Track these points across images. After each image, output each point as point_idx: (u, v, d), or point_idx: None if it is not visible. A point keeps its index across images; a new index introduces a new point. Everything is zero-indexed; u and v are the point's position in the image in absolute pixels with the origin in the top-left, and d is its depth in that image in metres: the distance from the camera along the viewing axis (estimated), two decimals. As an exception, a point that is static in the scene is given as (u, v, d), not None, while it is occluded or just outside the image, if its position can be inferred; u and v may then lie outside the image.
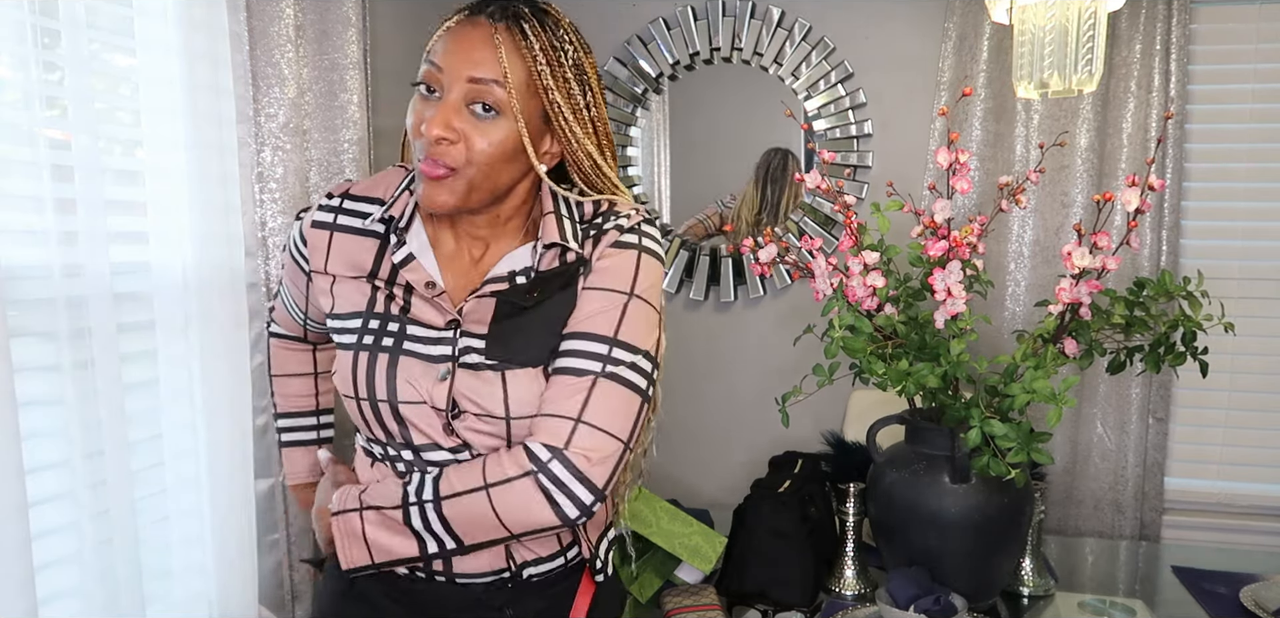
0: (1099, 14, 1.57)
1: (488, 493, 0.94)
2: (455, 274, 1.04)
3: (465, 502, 0.95)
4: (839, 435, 1.91)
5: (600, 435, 0.95)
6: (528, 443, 0.95)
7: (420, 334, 1.00)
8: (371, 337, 1.00)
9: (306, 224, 1.06)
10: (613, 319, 0.98)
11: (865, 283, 1.38)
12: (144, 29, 1.36)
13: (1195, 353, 1.44)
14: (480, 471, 0.95)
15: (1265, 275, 2.22)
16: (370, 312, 1.01)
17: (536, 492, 0.93)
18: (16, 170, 1.18)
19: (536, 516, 0.94)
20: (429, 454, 1.00)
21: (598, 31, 2.44)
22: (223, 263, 1.47)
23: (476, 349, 0.99)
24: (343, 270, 1.03)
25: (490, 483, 0.94)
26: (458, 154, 0.95)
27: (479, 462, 0.97)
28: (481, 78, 0.94)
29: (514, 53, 0.95)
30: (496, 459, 0.96)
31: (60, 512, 1.24)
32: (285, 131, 1.60)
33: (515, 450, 0.96)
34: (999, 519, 1.41)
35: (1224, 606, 1.54)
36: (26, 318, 1.17)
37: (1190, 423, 2.29)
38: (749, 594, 1.55)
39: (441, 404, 0.97)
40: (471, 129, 0.95)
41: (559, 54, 0.98)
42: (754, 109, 2.40)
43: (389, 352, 0.99)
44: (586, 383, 0.95)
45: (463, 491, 0.95)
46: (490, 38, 0.94)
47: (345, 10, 1.71)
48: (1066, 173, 2.18)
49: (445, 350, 0.99)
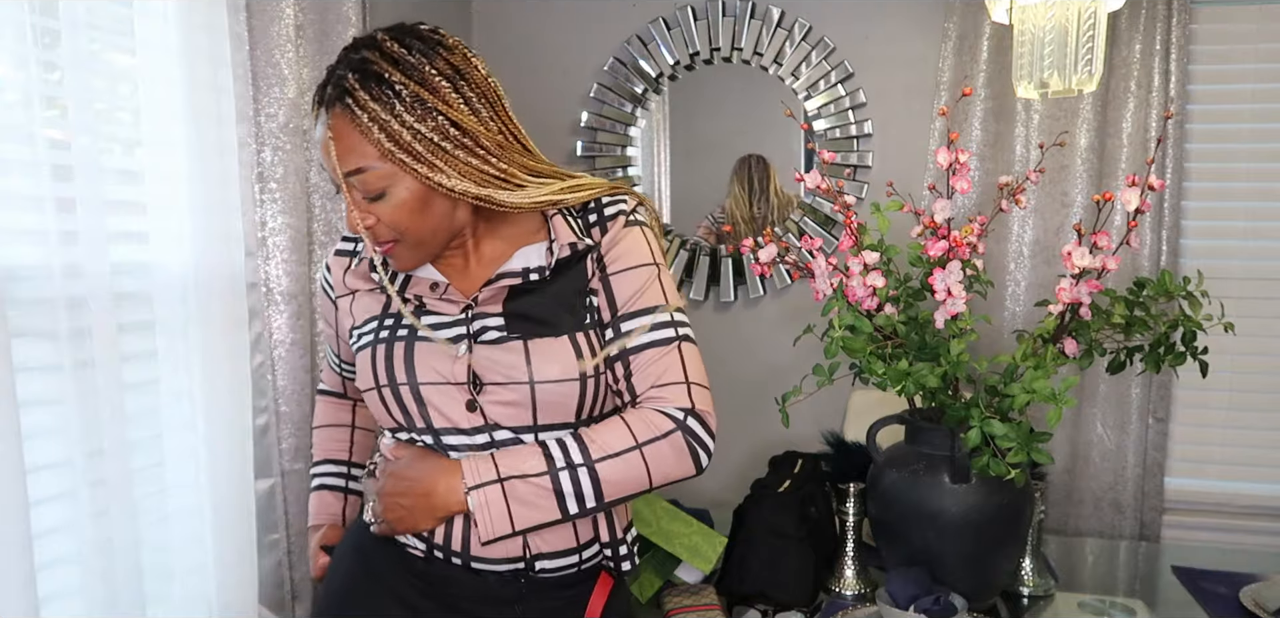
0: (1099, 14, 1.57)
1: (641, 452, 1.00)
2: (456, 274, 1.10)
3: (620, 462, 1.00)
4: (839, 435, 1.91)
5: (703, 391, 1.06)
6: (661, 408, 1.02)
7: (434, 322, 1.06)
8: (387, 330, 1.07)
9: (330, 256, 1.19)
10: (657, 291, 1.06)
11: (865, 283, 1.38)
12: (144, 29, 1.36)
13: (1195, 353, 1.44)
14: (626, 432, 1.01)
15: (1265, 275, 2.22)
16: (385, 312, 1.09)
17: (683, 445, 1.02)
18: (16, 170, 1.18)
19: (682, 467, 1.03)
20: (448, 439, 1.05)
21: (598, 31, 2.45)
22: (223, 263, 1.47)
23: (494, 326, 1.05)
24: (361, 285, 1.13)
25: (643, 442, 1.01)
26: (385, 231, 1.02)
27: (615, 423, 1.02)
28: (352, 171, 0.98)
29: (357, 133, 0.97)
30: (637, 420, 1.02)
31: (60, 511, 1.24)
32: (285, 132, 1.60)
33: (644, 412, 1.02)
34: (999, 519, 1.40)
35: (1224, 606, 1.54)
36: (27, 318, 1.17)
37: (1190, 423, 2.29)
38: (749, 594, 1.55)
39: (462, 378, 1.03)
40: (378, 208, 1.00)
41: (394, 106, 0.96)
42: (754, 109, 2.40)
43: (405, 340, 1.05)
44: (675, 349, 1.04)
45: (617, 451, 1.00)
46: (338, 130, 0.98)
47: (345, 10, 1.72)
48: (1066, 173, 2.18)
49: (461, 331, 1.05)
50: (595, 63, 2.45)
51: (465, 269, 1.10)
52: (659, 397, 1.03)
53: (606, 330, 1.06)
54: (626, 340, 1.04)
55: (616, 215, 1.08)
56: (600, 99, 2.44)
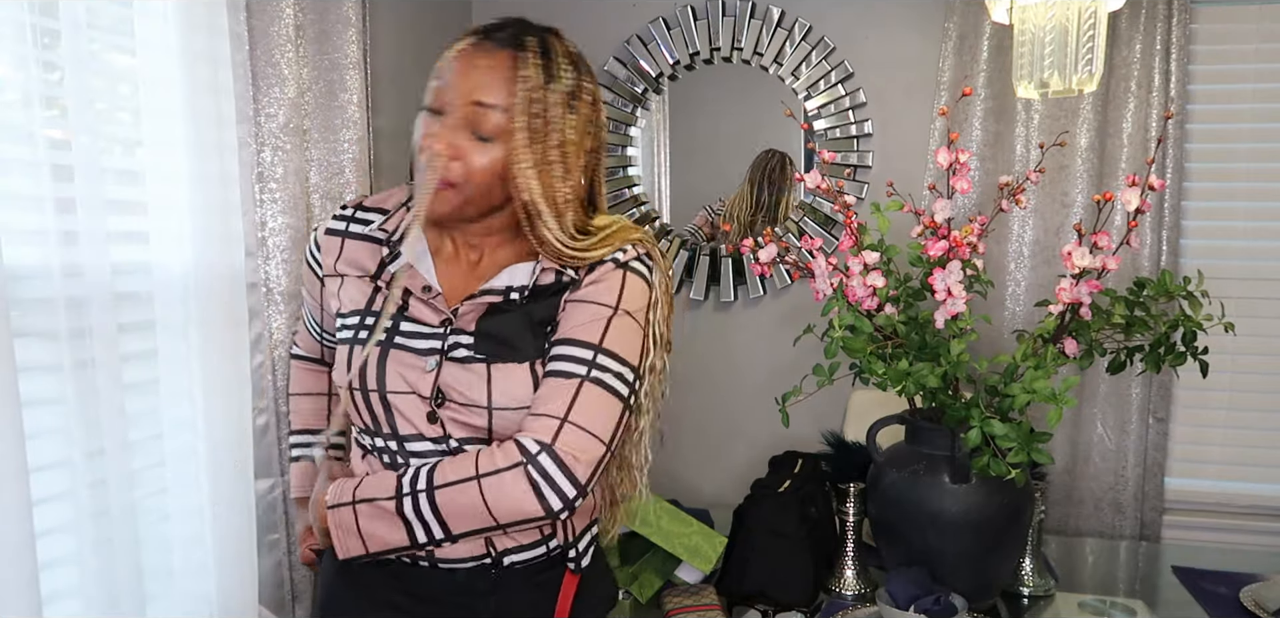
0: (1099, 14, 1.57)
1: (479, 483, 0.99)
2: (453, 278, 1.11)
3: (456, 492, 0.99)
4: (839, 435, 1.91)
5: (584, 435, 1.00)
6: (518, 438, 1.00)
7: (413, 331, 1.08)
8: (367, 331, 1.08)
9: (321, 231, 1.17)
10: (598, 329, 1.03)
11: (865, 283, 1.38)
12: (144, 29, 1.36)
13: (1195, 353, 1.44)
14: (473, 462, 1.01)
15: (1265, 275, 2.22)
16: (368, 309, 1.10)
17: (525, 483, 0.98)
18: (16, 170, 1.18)
19: (523, 506, 0.99)
20: (412, 445, 1.07)
21: (598, 31, 2.45)
22: (223, 263, 1.47)
23: (465, 345, 1.06)
24: (350, 271, 1.13)
25: (482, 474, 0.99)
26: (457, 171, 1.01)
27: (471, 454, 1.02)
28: (483, 103, 1.00)
29: (508, 81, 1.00)
30: (488, 452, 1.01)
31: (61, 511, 1.24)
32: (285, 132, 1.60)
33: (506, 445, 1.01)
34: (999, 519, 1.41)
35: (1224, 606, 1.54)
36: (27, 318, 1.17)
37: (1190, 423, 2.29)
38: (749, 594, 1.55)
39: (427, 393, 1.05)
40: (471, 149, 1.01)
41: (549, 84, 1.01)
42: (754, 109, 2.40)
43: (382, 344, 1.07)
44: (573, 385, 1.01)
45: (455, 480, 1.00)
46: (494, 64, 1.01)
47: (345, 10, 1.72)
48: (1066, 173, 2.18)
49: (434, 345, 1.06)
50: (595, 63, 2.41)
51: (464, 274, 1.11)
52: (527, 425, 1.01)
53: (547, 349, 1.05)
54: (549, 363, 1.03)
55: (610, 261, 1.06)
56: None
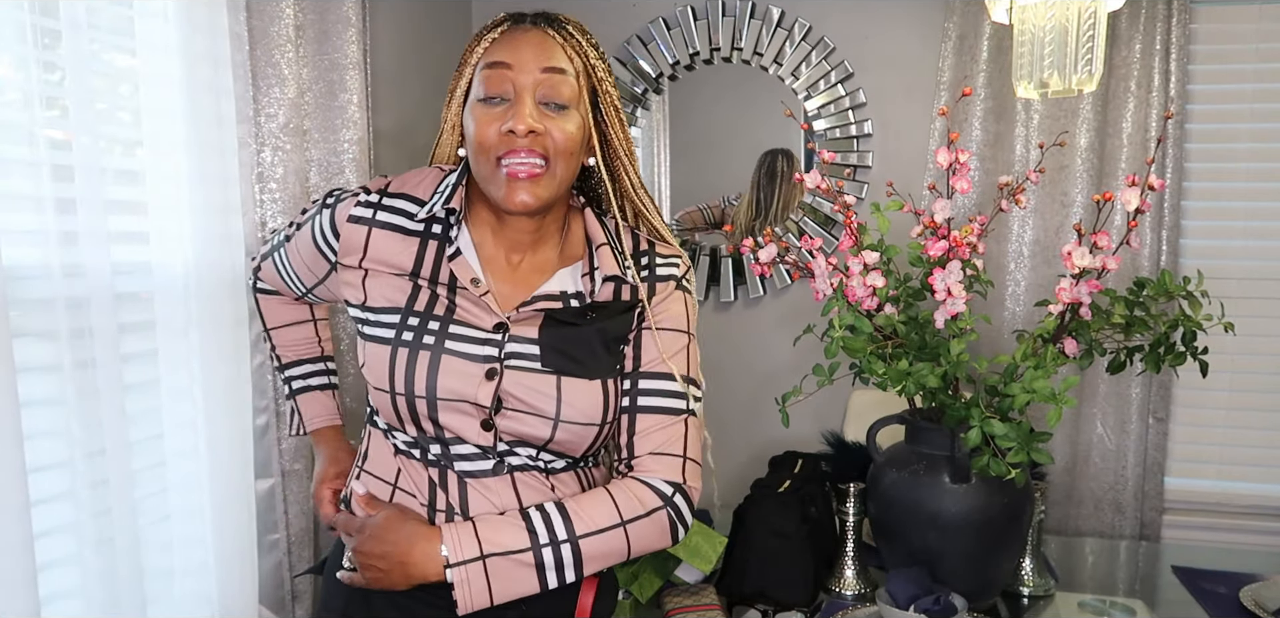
0: (1099, 14, 1.57)
1: (624, 529, 1.02)
2: (494, 277, 1.07)
3: (601, 540, 1.01)
4: (839, 435, 1.91)
5: (694, 467, 1.08)
6: (650, 480, 1.05)
7: (465, 334, 1.02)
8: (412, 333, 1.02)
9: (341, 217, 1.07)
10: (683, 361, 1.09)
11: (865, 283, 1.38)
12: (144, 29, 1.36)
13: (1195, 353, 1.44)
14: (612, 507, 1.02)
15: (1265, 275, 2.22)
16: (410, 308, 1.03)
17: (665, 522, 1.04)
18: (16, 170, 1.18)
19: (660, 541, 1.05)
20: (456, 448, 1.03)
21: (598, 31, 2.42)
22: (223, 263, 1.47)
23: (528, 354, 1.03)
24: (380, 266, 1.05)
25: (628, 520, 1.02)
26: (546, 144, 1.00)
27: (602, 497, 1.03)
28: (554, 67, 1.00)
29: (573, 51, 1.04)
30: (622, 495, 1.03)
31: (61, 512, 1.24)
32: (285, 132, 1.60)
33: (632, 485, 1.04)
34: (999, 519, 1.40)
35: (1224, 606, 1.54)
36: (27, 318, 1.17)
37: (1190, 423, 2.29)
38: (749, 594, 1.55)
39: (485, 402, 1.01)
40: (550, 121, 1.00)
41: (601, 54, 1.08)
42: (754, 109, 2.40)
43: (431, 350, 1.01)
44: (681, 422, 1.07)
45: (601, 529, 1.01)
46: (545, 38, 1.02)
47: (345, 10, 1.71)
48: (1066, 173, 2.18)
49: (490, 351, 1.02)
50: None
51: (513, 274, 1.08)
52: (652, 467, 1.05)
53: (624, 380, 1.08)
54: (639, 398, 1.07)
55: (668, 279, 1.10)
56: (600, 99, 2.44)
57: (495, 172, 1.00)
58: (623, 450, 1.08)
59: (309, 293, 1.22)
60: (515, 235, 1.08)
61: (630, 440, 1.06)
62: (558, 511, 1.01)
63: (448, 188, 1.06)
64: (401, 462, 1.07)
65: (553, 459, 1.06)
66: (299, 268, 1.19)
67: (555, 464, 1.06)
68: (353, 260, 1.06)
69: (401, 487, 1.06)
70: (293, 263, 1.19)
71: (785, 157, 2.40)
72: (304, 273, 1.18)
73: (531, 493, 1.04)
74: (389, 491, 1.07)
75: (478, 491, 1.04)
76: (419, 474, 1.05)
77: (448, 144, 1.12)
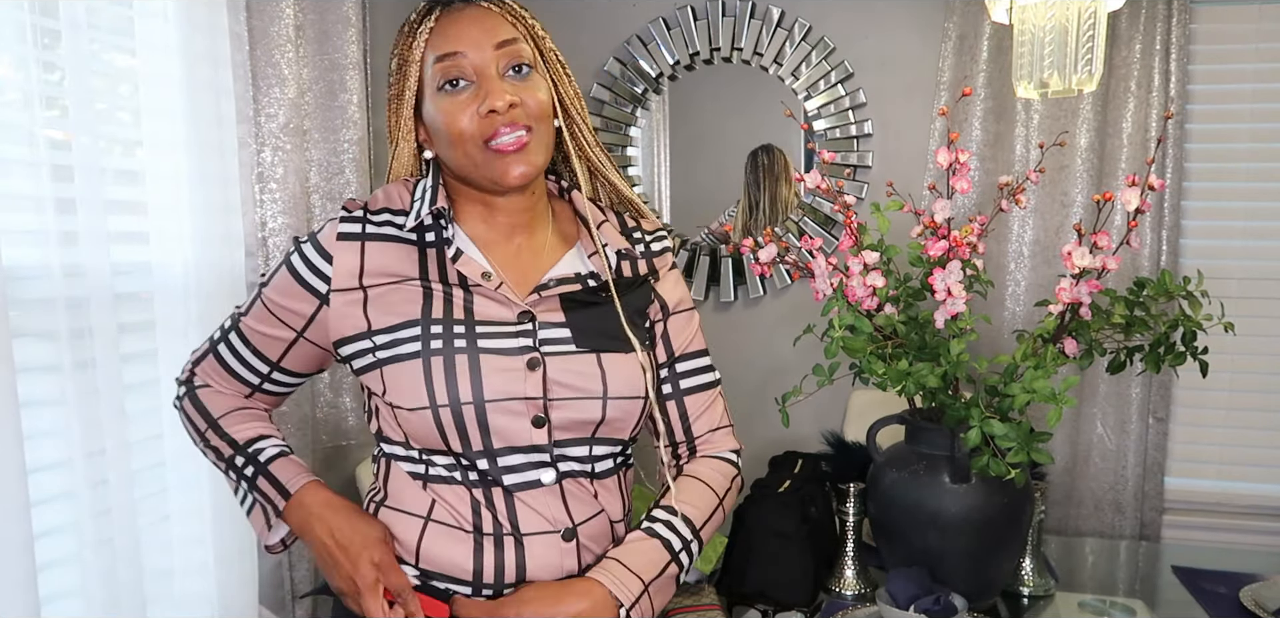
0: (1099, 14, 1.57)
1: (722, 505, 1.08)
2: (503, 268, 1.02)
3: (712, 523, 1.07)
4: (839, 435, 1.91)
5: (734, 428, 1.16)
6: (720, 454, 1.11)
7: (492, 330, 0.97)
8: (440, 340, 0.94)
9: (329, 239, 0.99)
10: (701, 337, 1.13)
11: (865, 283, 1.38)
12: (144, 29, 1.37)
13: (1195, 353, 1.44)
14: (708, 491, 1.07)
15: (1265, 275, 2.22)
16: (429, 316, 0.96)
17: (740, 483, 1.13)
18: (16, 170, 1.18)
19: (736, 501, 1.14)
20: (506, 458, 0.97)
21: (598, 31, 2.45)
22: (223, 263, 1.47)
23: (562, 338, 0.99)
24: (382, 279, 0.98)
25: (722, 496, 1.08)
26: (524, 114, 0.96)
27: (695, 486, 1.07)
28: (507, 39, 0.96)
29: (510, 16, 0.99)
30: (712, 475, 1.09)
31: (61, 512, 1.24)
32: (285, 132, 1.60)
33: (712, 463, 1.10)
34: (999, 519, 1.40)
35: (1224, 606, 1.54)
36: (28, 318, 1.17)
37: (1190, 423, 2.29)
38: (749, 594, 1.55)
39: (535, 393, 0.96)
40: (523, 91, 0.97)
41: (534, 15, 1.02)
42: (754, 109, 2.40)
43: (466, 352, 0.94)
44: (718, 394, 1.14)
45: (710, 515, 1.06)
46: (486, 11, 0.97)
47: (345, 10, 1.72)
48: (1066, 173, 2.18)
49: (525, 342, 0.97)
50: (595, 63, 2.45)
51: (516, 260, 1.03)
52: (716, 441, 1.12)
53: (661, 369, 1.10)
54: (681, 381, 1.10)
55: (664, 253, 1.11)
56: (600, 99, 2.44)
57: (484, 155, 0.96)
58: (680, 436, 1.11)
59: (272, 372, 1.06)
60: (510, 218, 1.03)
61: (687, 426, 1.11)
62: (678, 517, 1.03)
63: (426, 190, 1.00)
64: (436, 490, 0.98)
65: (600, 458, 1.02)
66: (261, 343, 1.04)
67: (600, 466, 1.02)
68: (351, 282, 0.98)
69: (436, 519, 0.98)
70: (253, 341, 1.05)
71: (767, 151, 2.40)
72: (268, 346, 1.04)
73: (578, 504, 1.00)
74: (419, 525, 0.98)
75: (526, 504, 0.98)
76: (460, 498, 0.97)
77: (404, 155, 1.03)
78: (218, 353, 1.07)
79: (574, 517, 0.99)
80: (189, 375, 1.11)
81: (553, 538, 0.98)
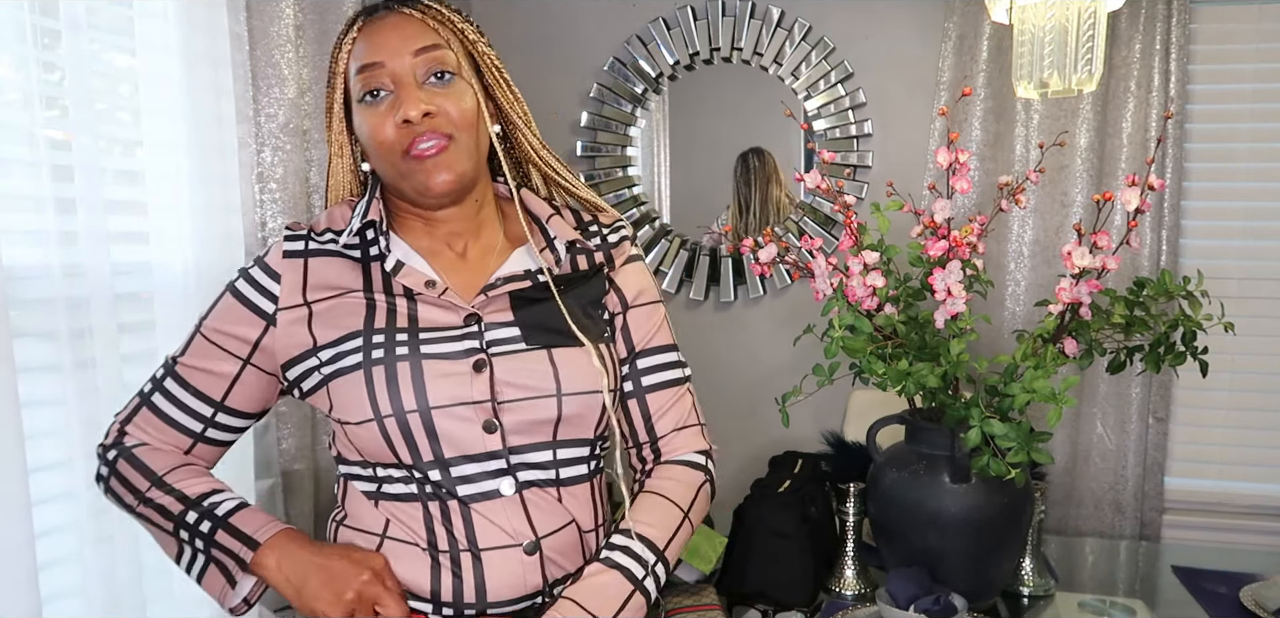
0: (1099, 14, 1.57)
1: (688, 518, 1.03)
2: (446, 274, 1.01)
3: (678, 540, 1.02)
4: (839, 435, 1.91)
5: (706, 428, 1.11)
6: (686, 457, 1.07)
7: (437, 336, 0.95)
8: (381, 349, 0.93)
9: (275, 258, 0.98)
10: (667, 331, 1.09)
11: (865, 283, 1.38)
12: (144, 29, 1.37)
13: (1195, 353, 1.44)
14: (671, 506, 1.02)
15: (1265, 275, 2.22)
16: (371, 327, 0.94)
17: (709, 490, 1.07)
18: (16, 170, 1.18)
19: (706, 509, 1.08)
20: (459, 468, 0.94)
21: (598, 31, 2.45)
22: (223, 263, 1.47)
23: (510, 337, 0.97)
24: (325, 292, 0.97)
25: (687, 509, 1.03)
26: (444, 123, 0.94)
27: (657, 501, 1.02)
28: (426, 46, 0.94)
29: (438, 23, 0.97)
30: (673, 487, 1.03)
31: (61, 511, 1.24)
32: (285, 132, 1.60)
33: (675, 469, 1.05)
34: (999, 519, 1.40)
35: (1224, 606, 1.54)
36: (27, 318, 1.18)
37: (1190, 423, 2.29)
38: (749, 594, 1.55)
39: (482, 396, 0.93)
40: (441, 99, 0.94)
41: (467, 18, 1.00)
42: (754, 109, 2.40)
43: (408, 359, 0.92)
44: (686, 390, 1.09)
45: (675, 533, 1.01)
46: (408, 18, 0.96)
47: (345, 10, 1.72)
48: (1066, 173, 2.18)
49: (471, 344, 0.95)
50: (595, 63, 2.45)
51: (460, 266, 1.02)
52: (681, 442, 1.07)
53: (623, 364, 1.06)
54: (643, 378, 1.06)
55: (621, 242, 1.08)
56: (600, 99, 2.44)
57: (405, 164, 0.95)
58: (644, 437, 1.07)
59: (216, 414, 1.01)
60: (452, 225, 1.02)
61: (650, 425, 1.06)
62: (638, 540, 0.98)
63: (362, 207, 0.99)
64: (389, 509, 0.97)
65: (566, 463, 0.99)
66: (203, 382, 1.00)
67: (567, 473, 0.99)
68: (296, 298, 0.97)
69: (391, 535, 0.96)
70: (193, 382, 1.00)
71: (757, 154, 2.40)
72: (210, 384, 1.00)
73: (542, 515, 0.97)
74: (376, 543, 0.97)
75: (485, 516, 0.95)
76: (413, 515, 0.95)
77: (340, 172, 1.04)
78: (152, 403, 1.01)
79: (537, 529, 0.96)
80: (117, 437, 1.02)
81: (514, 552, 0.95)
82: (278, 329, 0.97)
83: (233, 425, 1.03)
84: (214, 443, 1.03)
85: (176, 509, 0.97)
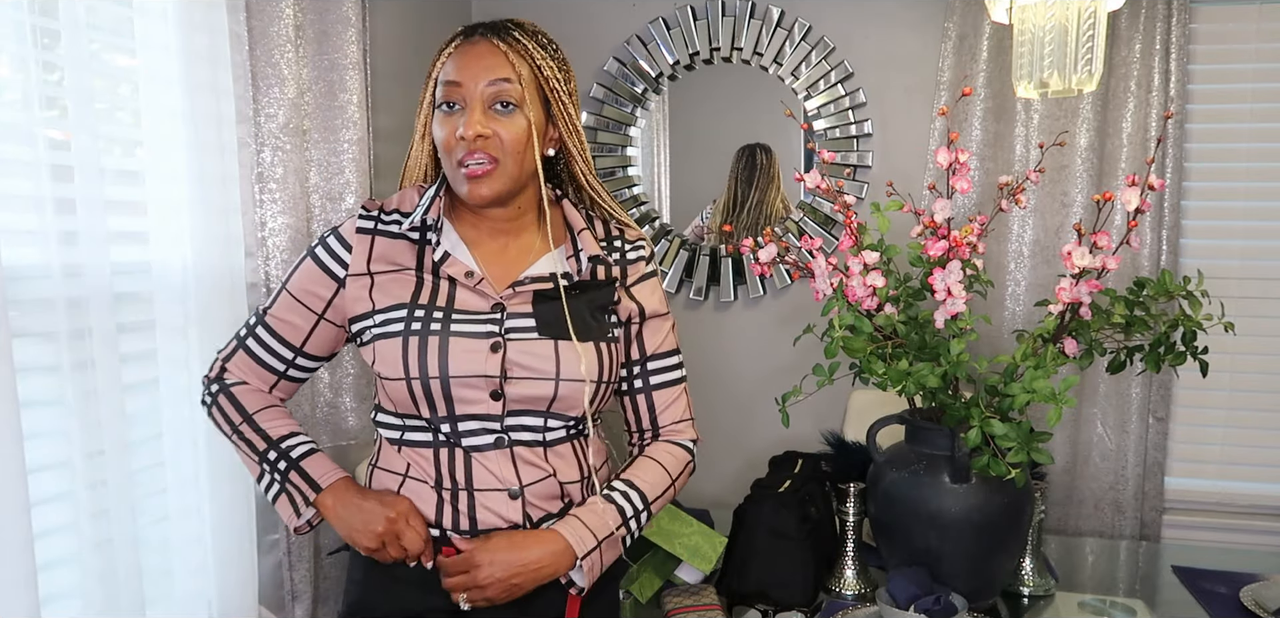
0: (1099, 13, 1.57)
1: (674, 484, 1.25)
2: (488, 266, 1.19)
3: (663, 499, 1.24)
4: (839, 435, 1.91)
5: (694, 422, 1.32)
6: (679, 441, 1.28)
7: (466, 318, 1.14)
8: (420, 322, 1.13)
9: (349, 231, 1.18)
10: (672, 338, 1.29)
11: (865, 283, 1.38)
12: (144, 29, 1.37)
13: (1195, 353, 1.44)
14: (663, 472, 1.24)
15: (1265, 275, 2.22)
16: (416, 301, 1.14)
17: (691, 468, 1.30)
18: (16, 170, 1.18)
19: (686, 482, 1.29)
20: (466, 425, 1.15)
21: (598, 31, 2.45)
22: (222, 263, 1.47)
23: (526, 327, 1.16)
24: (384, 267, 1.17)
25: (675, 476, 1.25)
26: (495, 146, 1.12)
27: (652, 465, 1.24)
28: (498, 78, 1.12)
29: (517, 56, 1.14)
30: (668, 458, 1.25)
31: (60, 512, 1.24)
32: (285, 132, 1.60)
33: (670, 448, 1.26)
34: (999, 519, 1.40)
35: (1224, 606, 1.54)
36: (27, 318, 1.18)
37: (1190, 423, 2.29)
38: (749, 594, 1.55)
39: (494, 372, 1.13)
40: (498, 125, 1.12)
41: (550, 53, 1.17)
42: (754, 109, 2.40)
43: (439, 334, 1.12)
44: (683, 390, 1.29)
45: (662, 493, 1.24)
46: (494, 48, 1.13)
47: (345, 10, 1.72)
48: (1066, 173, 2.18)
49: (491, 328, 1.14)
50: (595, 63, 2.45)
51: (500, 257, 1.19)
52: (678, 430, 1.29)
53: (634, 366, 1.26)
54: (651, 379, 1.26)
55: (638, 261, 1.25)
56: (600, 99, 2.45)
57: (456, 171, 1.13)
58: (647, 423, 1.28)
59: (296, 357, 1.22)
60: (493, 223, 1.20)
61: (654, 416, 1.27)
62: (633, 488, 1.21)
63: (428, 200, 1.18)
64: (409, 454, 1.18)
65: (552, 429, 1.18)
66: (287, 331, 1.20)
67: (552, 436, 1.18)
68: (362, 267, 1.16)
69: (411, 475, 1.17)
70: (279, 331, 1.20)
71: (765, 152, 2.40)
72: (293, 332, 1.20)
73: (528, 468, 1.16)
74: (399, 481, 1.18)
75: (482, 463, 1.15)
76: (427, 459, 1.16)
77: (419, 155, 1.23)
78: (247, 347, 1.23)
79: (522, 479, 1.16)
80: (220, 373, 1.24)
81: (500, 495, 1.15)
82: (346, 291, 1.18)
83: (308, 367, 1.24)
84: (293, 380, 1.25)
85: (261, 446, 1.19)
